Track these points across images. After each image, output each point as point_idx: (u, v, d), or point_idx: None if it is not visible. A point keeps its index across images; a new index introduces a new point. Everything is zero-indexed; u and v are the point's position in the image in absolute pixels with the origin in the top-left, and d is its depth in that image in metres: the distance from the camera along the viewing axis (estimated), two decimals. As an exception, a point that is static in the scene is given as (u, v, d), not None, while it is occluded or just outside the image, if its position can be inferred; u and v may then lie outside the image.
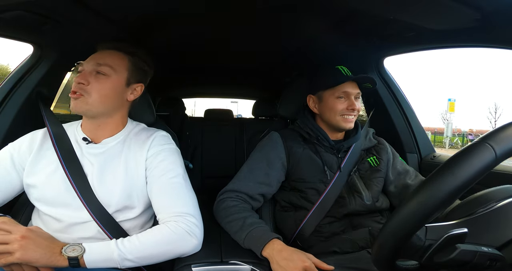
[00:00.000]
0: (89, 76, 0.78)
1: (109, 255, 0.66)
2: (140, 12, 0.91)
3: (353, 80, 1.00)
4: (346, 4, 0.82)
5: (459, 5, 0.68)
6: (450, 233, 0.45)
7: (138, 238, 0.70)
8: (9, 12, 0.75)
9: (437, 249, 0.45)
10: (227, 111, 2.54)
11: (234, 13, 0.92)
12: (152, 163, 0.80)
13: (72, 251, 0.64)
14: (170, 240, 0.71)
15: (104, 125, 0.83)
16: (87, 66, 0.80)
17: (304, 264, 0.71)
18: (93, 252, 0.65)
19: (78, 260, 0.64)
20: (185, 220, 0.73)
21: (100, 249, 0.66)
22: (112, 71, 0.80)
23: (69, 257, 0.63)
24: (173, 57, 1.51)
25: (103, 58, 0.81)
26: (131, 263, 0.68)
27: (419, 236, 0.46)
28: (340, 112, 1.00)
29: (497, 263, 0.46)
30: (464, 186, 0.40)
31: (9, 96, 1.00)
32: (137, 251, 0.68)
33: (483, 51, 50.67)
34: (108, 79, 0.80)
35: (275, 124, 1.43)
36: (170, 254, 0.72)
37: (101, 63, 0.79)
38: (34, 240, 0.62)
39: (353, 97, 1.00)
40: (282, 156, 0.99)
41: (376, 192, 0.98)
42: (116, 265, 0.66)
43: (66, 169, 0.76)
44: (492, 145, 0.40)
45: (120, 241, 0.69)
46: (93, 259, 0.65)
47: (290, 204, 0.99)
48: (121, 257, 0.66)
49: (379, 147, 1.08)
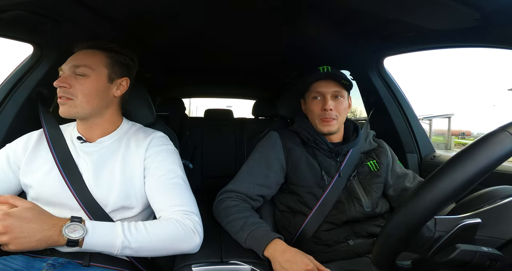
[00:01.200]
0: (69, 79, 0.78)
1: (112, 241, 0.62)
2: (140, 12, 0.91)
3: (324, 79, 0.97)
4: (346, 4, 0.82)
5: (459, 5, 0.68)
6: (464, 223, 0.45)
7: (146, 227, 0.67)
8: (9, 12, 0.75)
9: (449, 239, 0.45)
10: (227, 112, 2.54)
11: (234, 13, 0.92)
12: (151, 162, 0.80)
13: (73, 232, 0.60)
14: (177, 235, 0.70)
15: (96, 125, 0.83)
16: (65, 69, 0.79)
17: (307, 267, 0.71)
18: (96, 234, 0.61)
19: (78, 243, 0.59)
20: (190, 217, 0.73)
21: (103, 232, 0.63)
22: (90, 70, 0.79)
23: (70, 239, 0.59)
24: (173, 57, 1.51)
25: (79, 59, 0.80)
26: (130, 253, 0.65)
27: (429, 226, 0.46)
28: (318, 114, 0.97)
29: (497, 263, 0.46)
30: (484, 172, 0.39)
31: (9, 96, 1.01)
32: (142, 241, 0.65)
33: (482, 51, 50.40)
34: (88, 79, 0.79)
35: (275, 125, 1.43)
36: (172, 250, 0.71)
37: (78, 65, 0.79)
38: (21, 219, 0.57)
39: (329, 96, 0.96)
40: (281, 158, 0.98)
41: (375, 198, 0.96)
42: (113, 251, 0.63)
43: (61, 168, 0.76)
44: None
45: (126, 227, 0.65)
46: (93, 242, 0.61)
47: (289, 208, 0.98)
48: (124, 244, 0.63)
49: (379, 150, 1.05)
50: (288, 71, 1.78)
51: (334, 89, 0.97)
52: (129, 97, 0.90)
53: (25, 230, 0.58)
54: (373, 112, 1.39)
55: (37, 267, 0.72)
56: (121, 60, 0.85)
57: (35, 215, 0.61)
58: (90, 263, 0.74)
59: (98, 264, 0.75)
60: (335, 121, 0.97)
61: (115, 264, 0.77)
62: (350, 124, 1.08)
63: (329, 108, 0.95)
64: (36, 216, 0.61)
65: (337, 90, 0.97)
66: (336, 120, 0.97)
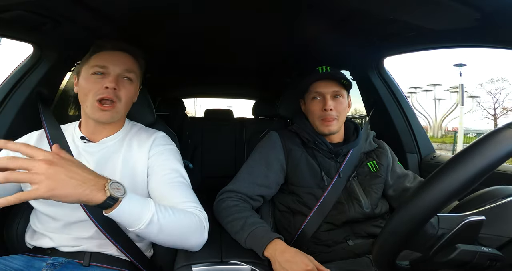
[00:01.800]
0: (118, 81, 0.77)
1: (143, 212, 0.59)
2: (140, 12, 0.91)
3: (323, 79, 0.97)
4: (347, 4, 0.82)
5: (459, 5, 0.68)
6: (468, 220, 0.45)
7: (172, 210, 0.65)
8: (9, 12, 0.75)
9: (452, 237, 0.45)
10: (227, 111, 2.54)
11: (234, 12, 0.92)
12: (155, 161, 0.80)
13: (116, 190, 0.55)
14: (195, 225, 0.69)
15: (109, 128, 0.83)
16: (114, 69, 0.77)
17: (307, 267, 0.71)
18: (132, 200, 0.58)
19: (114, 203, 0.55)
20: (200, 213, 0.73)
21: (138, 200, 0.60)
22: (136, 77, 0.82)
23: (111, 196, 0.53)
24: (173, 57, 1.52)
25: (128, 64, 0.80)
26: (152, 230, 0.61)
27: (433, 223, 0.46)
28: (318, 115, 0.97)
29: (497, 263, 0.46)
30: (488, 169, 0.39)
31: (9, 96, 1.00)
32: (168, 221, 0.63)
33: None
34: (132, 85, 0.81)
35: (275, 124, 1.43)
36: (184, 241, 0.69)
37: (130, 70, 0.79)
38: (66, 168, 0.51)
39: (328, 96, 0.96)
40: (281, 158, 0.98)
41: (375, 199, 0.96)
42: (140, 224, 0.59)
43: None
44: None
45: (157, 204, 0.63)
46: (127, 208, 0.56)
47: (288, 208, 0.98)
48: (152, 219, 0.59)
49: (379, 151, 1.05)
50: (288, 71, 1.78)
51: (333, 89, 0.96)
52: None
53: (68, 176, 0.51)
54: (373, 112, 1.39)
55: (37, 266, 0.72)
56: (144, 69, 0.88)
57: (79, 165, 0.55)
58: (90, 263, 0.74)
59: (98, 264, 0.75)
60: (336, 122, 0.97)
61: (115, 264, 0.77)
62: (351, 124, 1.08)
63: (329, 108, 0.95)
64: (80, 165, 0.55)
65: (336, 90, 0.97)
66: (337, 120, 0.97)
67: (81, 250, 0.76)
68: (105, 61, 0.77)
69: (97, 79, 0.76)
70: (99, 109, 0.75)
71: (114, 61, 0.78)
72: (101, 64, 0.77)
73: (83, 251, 0.76)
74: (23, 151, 0.51)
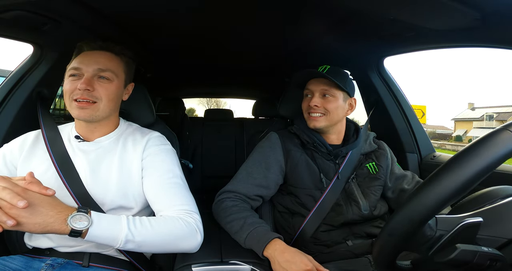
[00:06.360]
0: (92, 81, 0.77)
1: (116, 233, 0.61)
2: (140, 12, 0.91)
3: (314, 77, 0.99)
4: (347, 4, 0.81)
5: (459, 5, 0.68)
6: (465, 222, 0.45)
7: (151, 222, 0.66)
8: (9, 12, 0.75)
9: (451, 238, 0.45)
10: (227, 111, 2.54)
11: (234, 13, 0.92)
12: (149, 162, 0.80)
13: (78, 222, 0.58)
14: (180, 232, 0.69)
15: (100, 127, 0.83)
16: (87, 71, 0.78)
17: (307, 267, 0.71)
18: (100, 226, 0.60)
19: (81, 234, 0.58)
20: (192, 216, 0.73)
21: (108, 224, 0.61)
22: (114, 75, 0.81)
23: (73, 229, 0.57)
24: (173, 57, 1.51)
25: (103, 63, 0.79)
26: (132, 247, 0.64)
27: (431, 225, 0.46)
28: (305, 109, 1.01)
29: (497, 263, 0.46)
30: (489, 169, 0.39)
31: (9, 96, 1.01)
32: (146, 236, 0.64)
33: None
34: (112, 84, 0.80)
35: (275, 125, 1.43)
36: (174, 247, 0.70)
37: (104, 69, 0.79)
38: (29, 208, 0.55)
39: (317, 94, 0.98)
40: (280, 159, 0.98)
41: (373, 201, 0.96)
42: (115, 245, 0.62)
43: (58, 167, 0.76)
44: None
45: (131, 220, 0.64)
46: (97, 234, 0.59)
47: (287, 209, 0.98)
48: (127, 238, 0.62)
49: (379, 152, 1.05)
50: (288, 71, 1.78)
51: (322, 88, 0.98)
52: (129, 97, 0.91)
53: (29, 211, 0.56)
54: (373, 112, 1.39)
55: (36, 267, 0.72)
56: (131, 65, 0.88)
57: (45, 199, 0.59)
58: (90, 264, 0.74)
59: (97, 265, 0.75)
60: (323, 118, 0.98)
61: (114, 264, 0.77)
62: (351, 125, 1.08)
63: (313, 104, 0.97)
64: (46, 200, 0.59)
65: (325, 89, 0.98)
66: (325, 117, 0.98)
67: (80, 250, 0.76)
68: (80, 63, 0.79)
69: (72, 81, 0.78)
70: (77, 107, 0.77)
71: (87, 62, 0.79)
72: (75, 66, 0.78)
73: (82, 251, 0.76)
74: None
